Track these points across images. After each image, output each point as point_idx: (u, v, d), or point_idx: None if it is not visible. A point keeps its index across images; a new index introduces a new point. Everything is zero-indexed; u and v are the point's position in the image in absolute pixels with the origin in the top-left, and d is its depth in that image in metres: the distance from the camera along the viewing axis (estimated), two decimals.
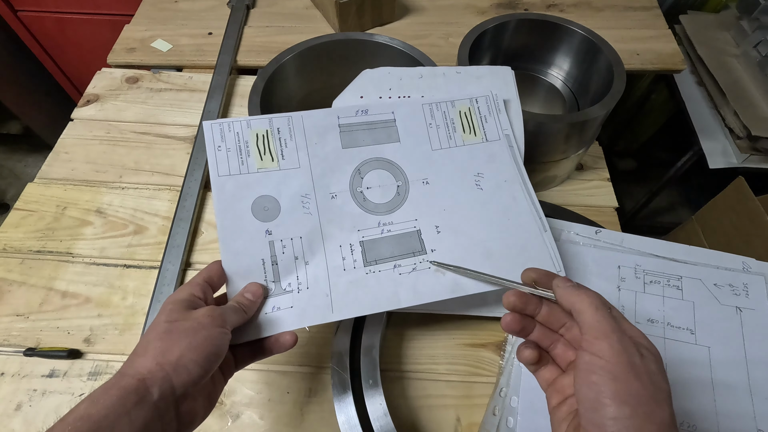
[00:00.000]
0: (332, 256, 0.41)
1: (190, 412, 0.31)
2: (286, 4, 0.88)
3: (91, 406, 0.26)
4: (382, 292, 0.40)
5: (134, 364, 0.29)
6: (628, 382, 0.25)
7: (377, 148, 0.44)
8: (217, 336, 0.32)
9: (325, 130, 0.43)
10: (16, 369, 0.48)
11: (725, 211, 0.92)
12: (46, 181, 0.62)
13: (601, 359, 0.26)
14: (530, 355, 0.32)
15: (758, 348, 0.42)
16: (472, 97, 0.47)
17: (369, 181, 0.43)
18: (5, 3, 1.12)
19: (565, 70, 0.67)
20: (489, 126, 0.46)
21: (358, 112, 0.45)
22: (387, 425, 0.39)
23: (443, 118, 0.46)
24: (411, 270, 0.41)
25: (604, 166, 0.66)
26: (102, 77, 0.75)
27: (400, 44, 0.61)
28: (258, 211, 0.40)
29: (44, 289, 0.53)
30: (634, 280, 0.46)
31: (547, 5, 0.89)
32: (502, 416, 0.41)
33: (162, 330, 0.31)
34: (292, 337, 0.37)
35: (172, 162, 0.65)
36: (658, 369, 0.27)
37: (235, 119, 0.42)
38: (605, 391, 0.26)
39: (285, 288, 0.39)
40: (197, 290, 0.35)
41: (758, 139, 0.88)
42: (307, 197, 0.41)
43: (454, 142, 0.45)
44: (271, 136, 0.42)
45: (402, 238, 0.42)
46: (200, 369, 0.30)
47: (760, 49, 0.96)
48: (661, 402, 0.26)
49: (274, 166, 0.41)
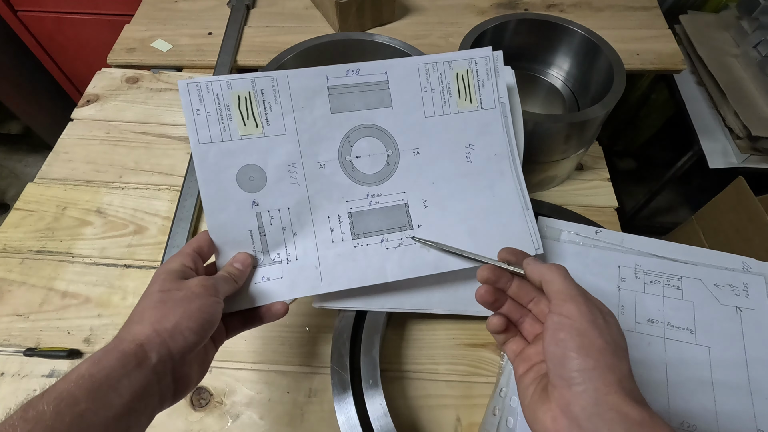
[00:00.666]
0: (321, 227, 0.40)
1: (185, 377, 0.32)
2: (286, 4, 0.88)
3: (93, 366, 0.27)
4: (369, 266, 0.40)
5: (131, 330, 0.30)
6: (592, 338, 0.28)
7: (368, 113, 0.42)
8: (211, 304, 0.32)
9: (313, 92, 0.41)
10: (16, 369, 0.48)
11: (725, 211, 0.92)
12: (46, 181, 0.62)
13: (568, 318, 0.29)
14: (497, 321, 0.35)
15: (758, 348, 0.42)
16: (471, 58, 0.44)
17: (358, 150, 0.42)
18: (5, 3, 1.12)
19: (565, 70, 0.67)
20: (485, 92, 0.44)
21: (349, 72, 0.42)
22: (387, 425, 0.39)
23: (439, 80, 0.43)
24: (397, 245, 0.41)
25: (604, 166, 0.66)
26: (102, 77, 0.75)
27: (400, 44, 0.61)
28: (243, 182, 0.39)
29: (44, 289, 0.53)
30: (634, 280, 0.46)
31: (547, 5, 0.89)
32: (502, 416, 0.41)
33: (156, 299, 0.31)
34: (282, 307, 0.38)
35: (172, 162, 0.65)
36: (618, 331, 0.30)
37: (213, 78, 0.38)
38: (571, 345, 0.28)
39: (274, 258, 0.39)
40: (188, 260, 0.35)
41: (758, 139, 0.88)
42: (294, 166, 0.40)
43: (449, 108, 0.43)
44: (254, 99, 0.39)
45: (390, 211, 0.42)
46: (196, 336, 0.31)
47: (760, 49, 0.96)
48: (621, 358, 0.28)
49: (258, 132, 0.39)
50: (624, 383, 0.27)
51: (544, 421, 0.28)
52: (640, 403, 0.26)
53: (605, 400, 0.26)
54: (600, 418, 0.26)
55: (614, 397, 0.26)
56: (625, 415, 0.25)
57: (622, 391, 0.26)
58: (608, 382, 0.27)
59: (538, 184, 0.63)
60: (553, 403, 0.28)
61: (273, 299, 0.38)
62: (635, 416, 0.25)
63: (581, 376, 0.27)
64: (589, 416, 0.26)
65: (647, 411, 0.26)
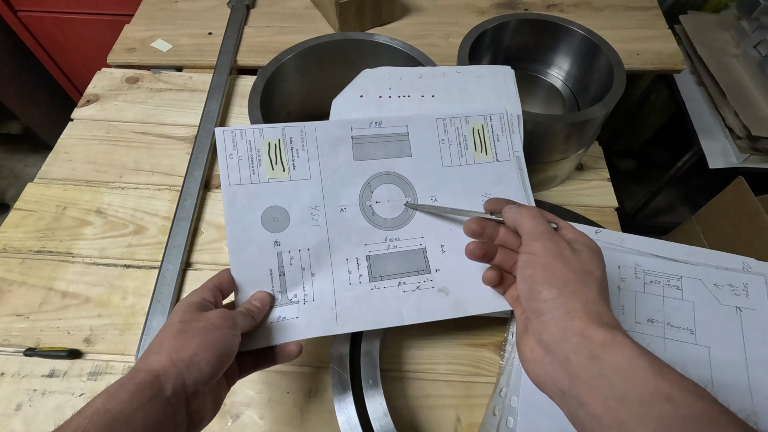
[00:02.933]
0: (339, 269, 0.41)
1: (200, 412, 0.31)
2: (286, 4, 0.88)
3: (108, 401, 0.27)
4: (386, 309, 0.40)
5: (148, 361, 0.30)
6: (555, 269, 0.30)
7: (389, 162, 0.44)
8: (229, 336, 0.32)
9: (337, 141, 0.43)
10: (16, 369, 0.48)
11: (725, 211, 0.92)
12: (46, 181, 0.62)
13: (534, 255, 0.31)
14: (491, 275, 0.36)
15: (758, 348, 0.42)
16: (487, 114, 0.46)
17: (378, 195, 0.43)
18: (5, 3, 1.12)
19: (565, 70, 0.67)
20: (500, 145, 0.46)
21: (372, 124, 0.44)
22: (387, 425, 0.39)
23: (456, 134, 0.45)
24: (415, 288, 0.41)
25: (604, 166, 0.66)
26: (102, 77, 0.75)
27: (400, 44, 0.61)
28: (267, 222, 0.40)
29: (44, 289, 0.53)
30: (634, 280, 0.46)
31: (547, 5, 0.89)
32: (502, 416, 0.41)
33: (176, 329, 0.32)
34: (296, 348, 0.38)
35: (172, 162, 0.65)
36: (591, 258, 0.31)
37: (247, 127, 0.41)
38: (537, 279, 0.30)
39: (291, 299, 0.40)
40: (208, 294, 0.36)
41: (758, 139, 0.89)
42: (317, 209, 0.41)
43: (465, 160, 0.45)
44: (283, 146, 0.42)
45: (408, 256, 0.42)
46: (211, 368, 0.31)
47: (760, 49, 0.96)
48: (589, 283, 0.29)
49: (285, 176, 0.41)
50: (589, 307, 0.28)
51: (524, 353, 0.30)
52: (605, 325, 0.27)
53: (570, 326, 0.27)
54: (566, 343, 0.27)
55: (578, 321, 0.27)
56: (588, 338, 0.26)
57: (587, 315, 0.27)
58: (572, 308, 0.28)
59: (538, 185, 0.63)
60: (530, 335, 0.30)
61: (288, 339, 0.38)
62: (599, 338, 0.26)
63: (547, 306, 0.29)
64: (557, 342, 0.28)
65: (611, 332, 0.26)
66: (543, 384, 0.29)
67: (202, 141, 0.64)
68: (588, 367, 0.26)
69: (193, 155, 0.62)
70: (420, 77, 0.50)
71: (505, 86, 0.49)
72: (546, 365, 0.28)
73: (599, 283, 0.30)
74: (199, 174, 0.61)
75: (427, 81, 0.50)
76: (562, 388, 0.27)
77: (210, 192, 0.62)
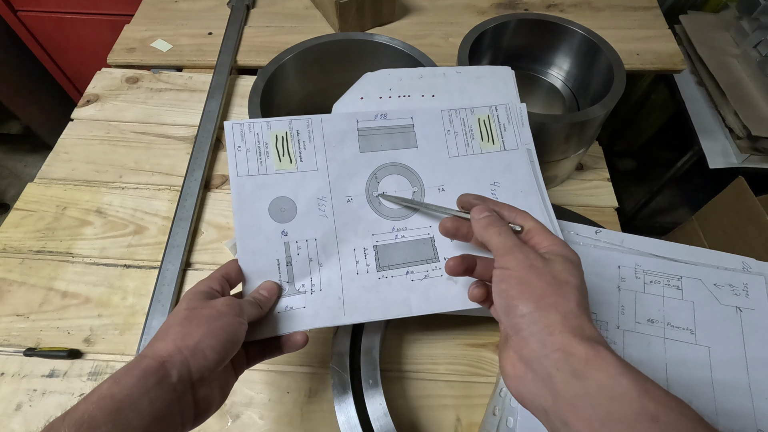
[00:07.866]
0: (346, 259, 0.41)
1: (206, 399, 0.31)
2: (286, 4, 0.88)
3: (114, 386, 0.27)
4: (393, 298, 0.40)
5: (154, 348, 0.30)
6: (530, 283, 0.29)
7: (395, 153, 0.44)
8: (235, 324, 0.33)
9: (343, 133, 0.43)
10: (16, 369, 0.48)
11: (725, 211, 0.92)
12: (46, 181, 0.62)
13: (507, 269, 0.30)
14: (478, 293, 0.35)
15: (758, 348, 0.42)
16: (492, 105, 0.47)
17: (385, 186, 0.43)
18: (5, 3, 1.12)
19: (565, 70, 0.67)
20: (508, 134, 0.46)
21: (377, 116, 0.44)
22: (387, 425, 0.39)
23: (462, 125, 0.46)
24: (423, 277, 0.41)
25: (604, 166, 0.66)
26: (102, 77, 0.75)
27: (400, 44, 0.61)
28: (275, 212, 0.41)
29: (44, 289, 0.53)
30: (634, 280, 0.46)
31: (547, 5, 0.89)
32: (502, 416, 0.41)
33: (182, 317, 0.32)
34: (303, 337, 0.38)
35: (172, 162, 0.65)
36: (565, 268, 0.29)
37: (255, 120, 0.42)
38: (513, 293, 0.29)
39: (298, 288, 0.40)
40: (216, 284, 0.36)
41: (758, 139, 0.89)
42: (324, 200, 0.42)
43: (472, 149, 0.45)
44: (290, 138, 0.42)
45: (415, 245, 0.42)
46: (216, 355, 0.31)
47: (760, 49, 0.96)
48: (566, 294, 0.28)
49: (292, 167, 0.42)
50: (569, 320, 0.27)
51: (505, 368, 0.30)
52: (587, 340, 0.26)
53: (550, 341, 0.26)
54: (548, 360, 0.26)
55: (558, 336, 0.26)
56: (570, 354, 0.25)
57: (567, 329, 0.26)
58: (551, 323, 0.27)
59: None
60: (511, 350, 0.29)
61: (294, 329, 0.38)
62: (581, 354, 0.25)
63: (525, 321, 0.28)
64: (538, 358, 0.27)
65: (593, 347, 0.25)
66: (526, 401, 0.28)
67: (202, 141, 0.64)
68: (571, 386, 0.25)
69: (193, 155, 0.62)
70: (420, 78, 0.50)
71: (505, 86, 0.49)
72: (528, 382, 0.28)
73: (577, 292, 0.29)
74: (199, 174, 0.61)
75: (427, 81, 0.50)
76: (545, 406, 0.26)
77: (210, 192, 0.62)
